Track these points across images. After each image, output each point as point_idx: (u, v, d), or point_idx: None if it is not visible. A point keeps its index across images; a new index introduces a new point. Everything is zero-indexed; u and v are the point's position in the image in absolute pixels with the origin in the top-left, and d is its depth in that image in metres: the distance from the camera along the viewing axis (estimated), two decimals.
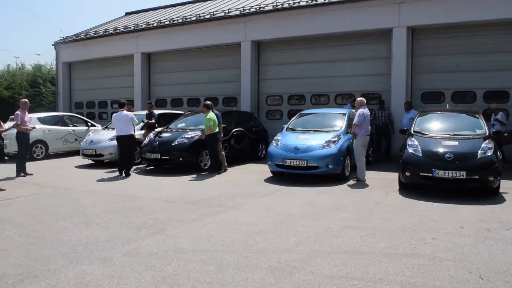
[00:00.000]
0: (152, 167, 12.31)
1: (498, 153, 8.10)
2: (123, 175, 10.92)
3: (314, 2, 14.97)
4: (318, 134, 10.21)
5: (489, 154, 7.92)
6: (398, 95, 13.66)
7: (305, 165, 9.49)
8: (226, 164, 11.51)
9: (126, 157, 11.16)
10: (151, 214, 6.82)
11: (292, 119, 11.75)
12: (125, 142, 11.11)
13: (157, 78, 19.77)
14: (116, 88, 20.87)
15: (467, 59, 13.20)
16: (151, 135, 12.24)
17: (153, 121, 13.10)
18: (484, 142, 8.19)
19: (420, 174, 8.08)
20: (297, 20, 15.25)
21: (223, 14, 17.10)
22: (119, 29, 20.47)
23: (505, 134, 10.84)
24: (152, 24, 19.35)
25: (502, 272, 4.34)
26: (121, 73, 20.64)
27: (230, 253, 4.94)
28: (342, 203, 7.61)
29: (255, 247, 5.15)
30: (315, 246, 5.16)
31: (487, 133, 8.61)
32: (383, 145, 13.88)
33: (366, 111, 9.71)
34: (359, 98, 10.12)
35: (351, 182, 9.71)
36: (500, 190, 8.22)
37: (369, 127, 9.82)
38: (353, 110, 10.21)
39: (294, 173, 9.94)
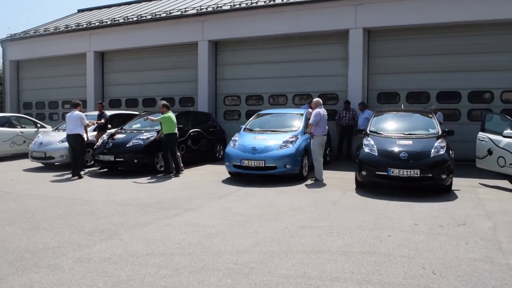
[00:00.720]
0: (105, 170, 11.95)
1: (450, 151, 8.36)
2: (76, 177, 10.55)
3: (271, 3, 15.01)
4: (276, 134, 10.21)
5: (441, 152, 8.15)
6: (355, 96, 13.87)
7: (263, 165, 9.47)
8: (182, 165, 11.32)
9: (75, 157, 10.83)
10: (104, 218, 6.58)
11: (250, 119, 11.71)
12: (74, 141, 10.79)
13: (111, 78, 19.25)
14: (67, 88, 20.19)
15: (422, 60, 13.65)
16: (104, 136, 11.87)
17: (102, 121, 12.59)
18: (437, 141, 8.42)
19: (376, 173, 8.22)
20: (254, 20, 15.26)
21: (179, 13, 16.87)
22: (71, 27, 19.79)
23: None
24: (106, 22, 18.84)
25: (454, 267, 4.45)
26: (73, 72, 19.96)
27: (186, 256, 4.82)
28: (299, 203, 7.62)
29: (212, 249, 5.06)
30: (272, 247, 5.12)
31: (439, 132, 8.87)
32: (345, 145, 14.03)
33: (322, 110, 9.79)
34: (315, 99, 10.22)
35: (309, 182, 9.76)
36: (453, 188, 8.51)
37: (326, 126, 9.90)
38: (310, 110, 10.28)
39: (252, 174, 9.89)
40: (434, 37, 13.51)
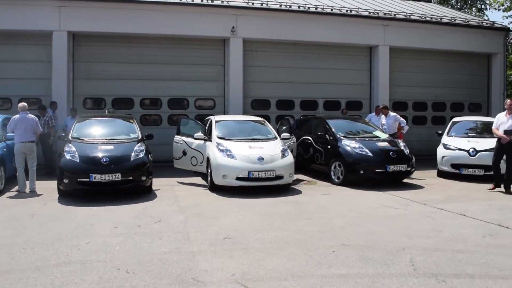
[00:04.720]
0: None
1: (150, 155, 9.05)
2: None
3: None
4: None
5: (141, 156, 8.77)
6: (60, 100, 13.23)
7: None
8: None
9: None
10: None
11: None
12: None
13: None
14: None
15: (127, 67, 14.21)
16: None
17: None
18: (137, 145, 9.00)
19: (78, 180, 8.21)
20: None
21: None
22: None
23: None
24: None
25: (146, 263, 4.85)
26: None
27: None
28: None
29: None
30: None
31: (140, 137, 9.48)
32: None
33: (18, 116, 9.21)
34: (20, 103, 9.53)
35: (9, 194, 8.99)
36: (153, 188, 9.20)
37: (28, 133, 9.17)
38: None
39: None
40: (140, 47, 14.34)
